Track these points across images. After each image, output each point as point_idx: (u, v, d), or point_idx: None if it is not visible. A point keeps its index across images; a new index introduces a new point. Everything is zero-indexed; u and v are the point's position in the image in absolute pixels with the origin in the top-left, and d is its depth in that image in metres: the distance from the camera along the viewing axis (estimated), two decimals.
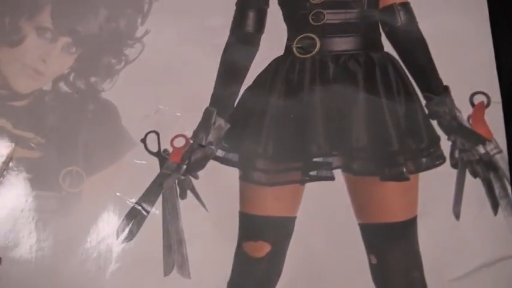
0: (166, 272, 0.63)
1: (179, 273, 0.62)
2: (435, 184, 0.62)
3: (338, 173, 0.64)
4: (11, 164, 0.68)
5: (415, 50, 0.67)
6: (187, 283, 0.62)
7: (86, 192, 0.66)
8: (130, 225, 0.64)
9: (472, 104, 0.64)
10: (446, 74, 0.65)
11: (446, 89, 0.65)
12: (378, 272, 0.61)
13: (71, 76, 0.71)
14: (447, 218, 0.61)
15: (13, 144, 0.69)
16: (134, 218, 0.64)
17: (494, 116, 0.64)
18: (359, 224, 0.62)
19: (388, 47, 0.67)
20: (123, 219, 0.65)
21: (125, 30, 0.72)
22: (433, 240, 0.61)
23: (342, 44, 0.67)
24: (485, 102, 0.64)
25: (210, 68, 0.69)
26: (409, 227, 0.61)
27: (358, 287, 0.61)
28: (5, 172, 0.67)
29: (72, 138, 0.69)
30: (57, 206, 0.66)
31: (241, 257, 0.62)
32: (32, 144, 0.69)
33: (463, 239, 0.60)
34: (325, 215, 0.63)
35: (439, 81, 0.65)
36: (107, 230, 0.64)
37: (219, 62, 0.69)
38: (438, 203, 0.62)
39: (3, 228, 0.66)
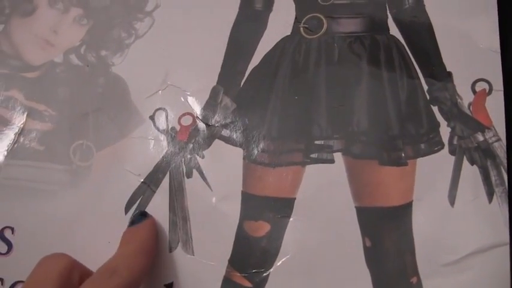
0: (172, 248, 0.73)
1: (183, 250, 0.72)
2: (432, 170, 0.70)
3: (337, 156, 0.72)
4: (22, 136, 0.78)
5: (421, 34, 0.74)
6: (191, 260, 0.72)
7: (96, 166, 0.76)
8: (138, 201, 0.74)
9: (474, 91, 0.72)
10: (449, 59, 0.73)
11: (449, 75, 0.72)
12: (371, 255, 0.70)
13: (82, 49, 0.80)
14: (442, 204, 0.69)
15: (25, 116, 0.79)
16: (142, 194, 0.74)
17: (495, 104, 0.71)
18: (356, 207, 0.70)
19: (394, 29, 0.75)
20: (131, 196, 0.74)
21: (135, 2, 0.81)
22: (427, 226, 0.69)
23: (349, 25, 0.75)
24: (487, 90, 0.71)
25: (220, 45, 0.77)
26: (404, 212, 0.70)
27: (352, 270, 0.69)
28: (16, 144, 0.78)
29: (83, 111, 0.78)
30: (68, 179, 0.76)
31: (242, 236, 0.72)
32: (44, 116, 0.79)
33: (456, 225, 0.69)
34: (323, 197, 0.71)
35: (443, 66, 0.73)
36: (115, 204, 0.74)
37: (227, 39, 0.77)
38: (434, 189, 0.70)
39: (15, 199, 0.77)
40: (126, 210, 0.74)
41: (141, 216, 0.72)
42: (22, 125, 0.78)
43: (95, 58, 0.79)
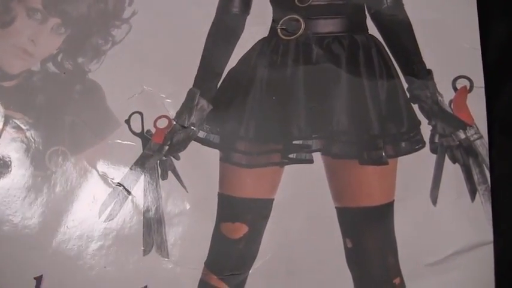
0: (146, 251, 0.70)
1: (158, 253, 0.70)
2: (414, 169, 0.68)
3: (317, 156, 0.70)
4: None
5: (400, 33, 0.72)
6: (166, 263, 0.69)
7: (70, 171, 0.74)
8: (112, 204, 0.71)
9: (455, 89, 0.70)
10: (430, 57, 0.71)
11: (429, 73, 0.70)
12: (353, 256, 0.67)
13: (59, 57, 0.78)
14: (424, 203, 0.67)
15: (1, 124, 0.77)
16: (116, 197, 0.71)
17: (476, 101, 0.69)
18: (336, 208, 0.68)
19: (372, 29, 0.73)
20: (105, 199, 0.72)
21: (113, 10, 0.79)
22: (410, 225, 0.67)
23: (327, 26, 0.73)
24: (468, 87, 0.69)
25: (197, 48, 0.75)
26: (386, 211, 0.68)
27: (333, 271, 0.67)
28: None
29: (59, 118, 0.76)
30: (43, 185, 0.73)
31: (218, 238, 0.69)
32: (21, 124, 0.77)
33: (439, 224, 0.66)
34: (303, 197, 0.69)
35: (422, 64, 0.71)
36: (89, 209, 0.72)
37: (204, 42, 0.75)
38: (416, 188, 0.68)
39: None
40: (100, 213, 0.71)
41: None
42: None
43: (71, 65, 0.77)
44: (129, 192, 0.72)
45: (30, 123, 0.76)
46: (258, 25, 0.75)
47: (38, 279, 0.70)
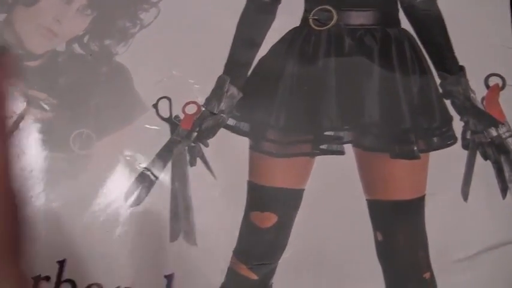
0: (173, 238, 0.68)
1: (185, 240, 0.68)
2: (445, 164, 0.67)
3: (348, 148, 0.69)
4: (22, 124, 0.74)
5: (433, 28, 0.71)
6: (193, 250, 0.68)
7: (96, 154, 0.72)
8: (138, 189, 0.70)
9: (487, 86, 0.69)
10: (462, 54, 0.70)
11: (461, 69, 0.69)
12: (383, 249, 0.66)
13: (85, 38, 0.77)
14: (455, 199, 0.66)
15: (25, 104, 0.75)
16: (143, 182, 0.70)
17: (508, 99, 0.68)
18: (367, 200, 0.67)
19: (405, 23, 0.72)
20: (131, 184, 0.70)
21: None
22: (440, 220, 0.66)
23: (359, 18, 0.73)
24: (500, 85, 0.69)
25: (226, 36, 0.74)
26: (416, 206, 0.66)
27: (363, 263, 0.66)
28: (15, 131, 0.74)
29: (84, 100, 0.74)
30: (67, 167, 0.72)
31: (247, 226, 0.68)
32: (44, 105, 0.75)
33: (470, 220, 0.65)
34: (333, 189, 0.68)
35: (455, 60, 0.70)
36: (115, 193, 0.70)
37: (235, 30, 0.74)
38: (447, 183, 0.67)
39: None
40: (127, 198, 0.69)
41: None
42: (22, 114, 0.74)
43: (98, 47, 0.76)
44: (156, 178, 0.70)
45: (55, 104, 0.75)
46: (289, 14, 0.74)
47: (61, 263, 0.68)
